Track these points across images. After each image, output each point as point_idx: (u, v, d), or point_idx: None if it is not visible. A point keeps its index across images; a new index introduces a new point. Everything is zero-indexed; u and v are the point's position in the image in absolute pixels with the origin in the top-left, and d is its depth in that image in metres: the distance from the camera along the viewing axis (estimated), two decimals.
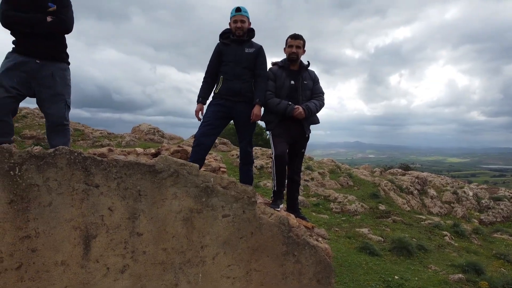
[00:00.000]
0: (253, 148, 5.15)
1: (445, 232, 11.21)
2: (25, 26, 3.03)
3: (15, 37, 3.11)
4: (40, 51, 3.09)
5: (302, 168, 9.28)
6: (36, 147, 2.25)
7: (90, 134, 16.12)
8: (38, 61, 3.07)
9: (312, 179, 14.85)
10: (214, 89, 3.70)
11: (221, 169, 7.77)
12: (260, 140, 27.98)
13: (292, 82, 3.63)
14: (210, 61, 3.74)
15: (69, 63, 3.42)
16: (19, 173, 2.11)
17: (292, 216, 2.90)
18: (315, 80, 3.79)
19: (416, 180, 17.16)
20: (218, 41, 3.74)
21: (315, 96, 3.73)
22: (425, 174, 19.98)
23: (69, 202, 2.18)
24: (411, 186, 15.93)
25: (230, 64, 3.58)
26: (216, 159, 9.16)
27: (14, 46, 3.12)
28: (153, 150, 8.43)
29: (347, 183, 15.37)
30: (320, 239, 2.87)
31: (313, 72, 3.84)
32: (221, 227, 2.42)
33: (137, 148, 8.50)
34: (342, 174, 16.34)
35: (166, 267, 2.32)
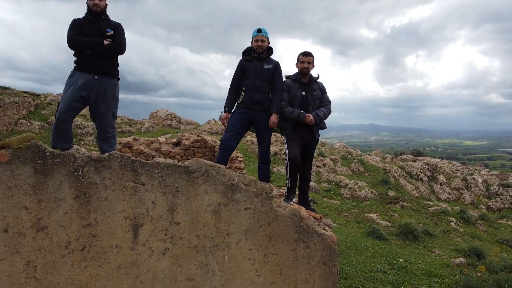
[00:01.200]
0: None
1: (451, 218, 11.55)
2: (86, 48, 3.51)
3: (77, 57, 3.60)
4: (97, 69, 3.56)
5: (315, 155, 9.72)
6: (94, 152, 2.71)
7: None
8: (96, 77, 3.54)
9: (324, 165, 15.25)
10: (237, 99, 4.14)
11: (238, 158, 8.23)
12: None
13: (303, 93, 4.06)
14: (234, 75, 4.18)
15: (119, 79, 3.89)
16: (82, 174, 2.59)
17: (303, 208, 3.34)
18: (323, 90, 4.22)
19: (427, 166, 17.39)
20: (242, 57, 4.19)
21: (323, 104, 4.16)
22: (435, 160, 20.15)
23: (121, 197, 2.65)
24: (421, 172, 16.21)
25: (252, 78, 4.01)
26: None
27: (75, 64, 3.60)
28: (174, 139, 8.93)
29: (358, 169, 15.73)
30: (327, 228, 3.31)
31: (321, 83, 4.26)
32: (244, 218, 2.88)
33: (159, 138, 9.00)
34: (353, 160, 16.69)
35: (198, 250, 2.79)
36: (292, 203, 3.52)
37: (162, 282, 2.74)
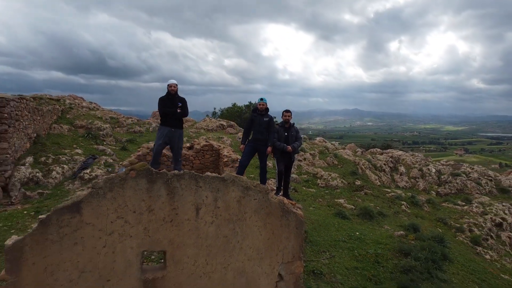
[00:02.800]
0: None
1: (403, 202, 13.98)
2: (169, 115, 5.74)
3: (162, 118, 5.81)
4: (173, 124, 5.80)
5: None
6: (174, 171, 4.88)
7: (124, 122, 18.62)
8: (173, 129, 5.77)
9: (305, 159, 17.53)
10: (248, 137, 6.44)
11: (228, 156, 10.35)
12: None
13: (286, 133, 6.39)
14: (247, 123, 6.50)
15: (183, 128, 6.15)
16: (170, 182, 4.75)
17: (285, 198, 5.58)
18: (297, 131, 6.56)
19: (390, 159, 19.84)
20: (252, 113, 6.49)
21: (297, 140, 6.50)
22: (399, 153, 22.63)
23: (190, 194, 4.83)
24: (384, 164, 18.64)
25: (257, 126, 6.32)
26: (230, 153, 11.72)
27: (160, 122, 5.81)
28: (188, 144, 11.06)
29: (333, 162, 18.06)
30: (298, 209, 5.56)
31: (296, 127, 6.59)
32: (253, 204, 5.09)
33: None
34: (329, 155, 19.01)
35: (229, 221, 5.00)
36: (279, 195, 5.77)
37: (211, 238, 4.96)
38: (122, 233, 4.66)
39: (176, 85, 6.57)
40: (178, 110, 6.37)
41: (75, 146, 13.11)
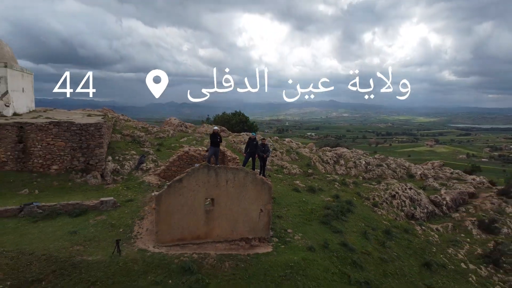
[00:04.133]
0: (241, 133, 14.20)
1: (336, 183, 19.91)
2: (216, 142, 11.42)
3: (211, 142, 11.46)
4: (216, 146, 11.44)
5: (271, 149, 17.88)
6: (217, 165, 10.53)
7: (151, 130, 23.66)
8: (216, 148, 11.41)
9: (275, 156, 23.25)
10: (247, 150, 12.17)
11: (236, 159, 16.05)
12: (246, 126, 36.10)
13: (263, 148, 12.15)
14: (246, 144, 12.21)
15: (219, 146, 11.86)
16: (215, 170, 10.38)
17: (264, 177, 11.35)
18: (268, 147, 12.31)
19: (335, 155, 25.85)
20: (248, 140, 12.22)
21: (268, 151, 12.27)
22: (344, 150, 28.69)
23: (224, 174, 10.42)
24: (330, 159, 24.61)
25: (251, 145, 12.01)
26: (232, 154, 17.29)
27: (210, 144, 11.46)
28: (206, 149, 16.60)
29: (295, 157, 23.83)
30: (269, 181, 11.33)
31: (267, 145, 12.36)
32: (250, 179, 10.76)
33: (199, 148, 16.66)
34: (293, 152, 24.75)
35: (240, 186, 10.64)
36: (260, 175, 11.52)
37: (232, 194, 10.62)
38: (197, 190, 10.28)
39: (217, 129, 12.36)
40: (218, 140, 12.12)
41: (130, 149, 18.36)
